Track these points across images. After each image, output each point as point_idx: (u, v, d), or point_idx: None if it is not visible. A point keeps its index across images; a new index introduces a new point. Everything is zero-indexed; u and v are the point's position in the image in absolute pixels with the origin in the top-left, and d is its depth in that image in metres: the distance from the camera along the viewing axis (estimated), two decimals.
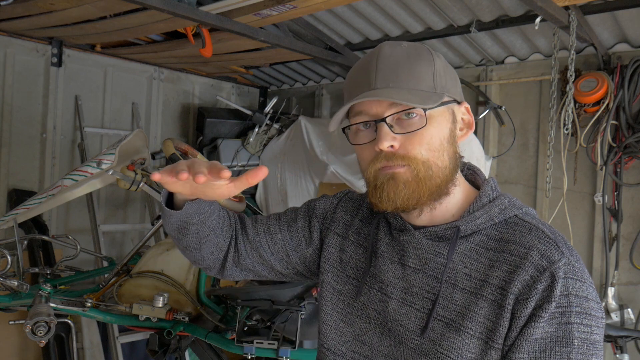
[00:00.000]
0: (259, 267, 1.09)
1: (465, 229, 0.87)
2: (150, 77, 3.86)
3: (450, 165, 0.88)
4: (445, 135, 0.87)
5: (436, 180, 0.86)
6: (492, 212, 0.88)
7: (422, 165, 0.85)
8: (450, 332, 0.83)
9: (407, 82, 0.85)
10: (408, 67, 0.86)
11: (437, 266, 0.87)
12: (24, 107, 3.29)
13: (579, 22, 2.27)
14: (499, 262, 0.83)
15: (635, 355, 2.55)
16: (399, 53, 0.88)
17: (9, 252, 2.14)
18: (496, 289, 0.81)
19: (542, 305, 0.77)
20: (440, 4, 2.57)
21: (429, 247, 0.88)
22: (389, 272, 0.92)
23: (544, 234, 0.84)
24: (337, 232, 1.04)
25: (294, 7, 2.25)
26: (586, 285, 0.80)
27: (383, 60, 0.87)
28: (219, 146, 3.79)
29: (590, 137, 2.72)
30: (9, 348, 2.98)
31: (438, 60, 0.89)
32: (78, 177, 2.13)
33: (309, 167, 3.52)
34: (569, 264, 0.80)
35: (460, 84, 0.96)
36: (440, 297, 0.85)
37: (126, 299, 2.14)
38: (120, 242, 3.78)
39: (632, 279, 2.67)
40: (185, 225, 0.98)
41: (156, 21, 2.52)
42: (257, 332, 1.98)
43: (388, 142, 0.84)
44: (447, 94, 0.88)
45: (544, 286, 0.78)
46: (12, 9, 2.60)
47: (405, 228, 0.92)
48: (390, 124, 0.85)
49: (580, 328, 0.77)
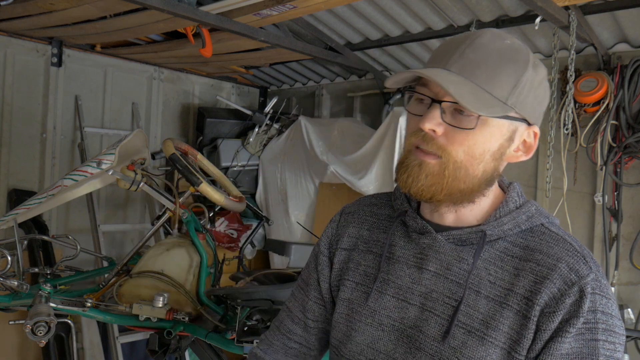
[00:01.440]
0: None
1: (491, 234, 0.85)
2: (150, 77, 3.86)
3: (481, 178, 0.84)
4: (491, 148, 0.83)
5: (460, 184, 0.83)
6: (519, 218, 0.86)
7: (453, 164, 0.81)
8: (472, 340, 0.81)
9: (482, 80, 0.80)
10: (493, 66, 0.81)
11: (460, 272, 0.85)
12: (24, 107, 3.29)
13: (579, 22, 2.27)
14: (524, 271, 0.81)
15: (635, 355, 2.55)
16: (495, 47, 0.82)
17: (9, 252, 2.14)
18: (521, 299, 0.80)
19: (569, 320, 0.77)
20: (440, 4, 2.57)
21: (452, 251, 0.86)
22: (406, 278, 0.90)
23: (572, 247, 0.83)
24: (344, 247, 1.01)
25: (294, 7, 2.25)
26: (611, 302, 0.80)
27: (475, 48, 0.82)
28: (219, 146, 3.79)
29: (590, 137, 2.72)
30: (9, 348, 2.98)
31: (532, 73, 0.82)
32: (78, 177, 2.13)
33: (309, 167, 3.52)
34: (596, 279, 0.79)
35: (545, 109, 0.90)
36: (463, 304, 0.83)
37: (126, 299, 2.14)
38: (120, 242, 3.78)
39: (632, 279, 2.66)
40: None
41: (156, 21, 2.52)
42: (257, 332, 1.98)
43: (430, 125, 0.81)
44: (519, 110, 0.82)
45: (572, 301, 0.77)
46: (12, 9, 2.60)
47: (427, 231, 0.89)
48: (444, 109, 0.81)
49: (606, 345, 0.77)
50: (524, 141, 0.87)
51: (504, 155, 0.85)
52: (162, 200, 2.27)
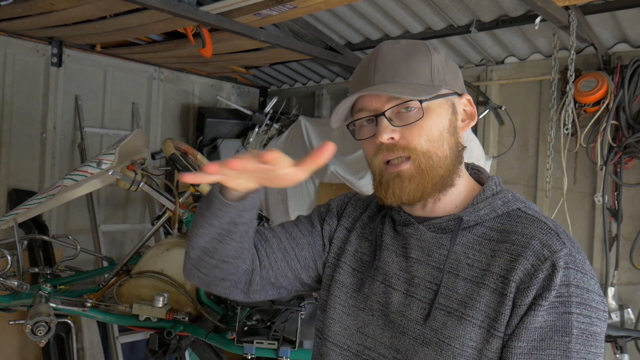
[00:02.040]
0: (281, 279, 1.03)
1: (468, 220, 0.89)
2: (150, 77, 3.86)
3: (451, 155, 0.90)
4: (444, 126, 0.89)
5: (438, 170, 0.88)
6: (495, 204, 0.90)
7: (423, 156, 0.87)
8: (452, 320, 0.84)
9: (404, 77, 0.88)
10: (405, 63, 0.89)
11: (440, 257, 0.89)
12: (24, 107, 3.29)
13: (579, 22, 2.27)
14: (500, 251, 0.84)
15: (635, 355, 2.55)
16: (397, 50, 0.91)
17: (9, 252, 2.14)
18: (498, 277, 0.82)
19: (542, 294, 0.78)
20: (440, 4, 2.57)
21: (432, 238, 0.90)
22: (394, 264, 0.94)
23: (545, 224, 0.85)
24: (345, 226, 1.05)
25: (294, 7, 2.25)
26: (587, 277, 0.80)
27: (382, 58, 0.91)
28: (219, 146, 3.79)
29: (590, 137, 2.72)
30: (9, 348, 2.98)
31: (436, 55, 0.91)
32: (78, 177, 2.13)
33: None
34: (570, 254, 0.81)
35: (462, 77, 0.98)
36: (442, 287, 0.86)
37: (126, 299, 2.14)
38: (120, 242, 3.78)
39: (632, 279, 2.67)
40: (233, 227, 0.91)
41: (156, 21, 2.52)
42: (257, 332, 1.98)
43: (387, 135, 0.87)
44: (446, 86, 0.90)
45: (545, 275, 0.79)
46: (12, 9, 2.60)
47: (409, 222, 0.93)
48: (390, 117, 0.88)
49: (580, 318, 0.77)
50: (464, 110, 0.95)
51: (457, 128, 0.93)
52: (162, 200, 2.27)
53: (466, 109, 0.95)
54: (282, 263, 1.02)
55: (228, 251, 0.94)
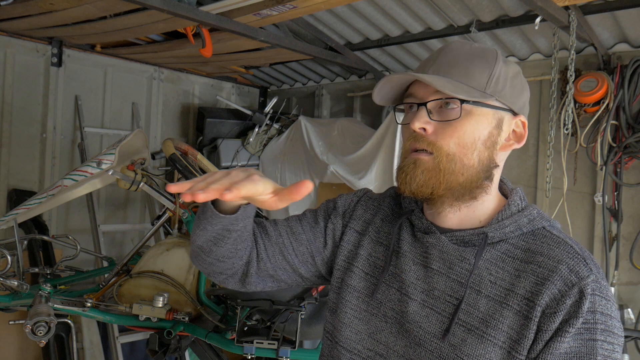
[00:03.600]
0: (280, 272, 1.04)
1: (492, 236, 0.87)
2: (150, 77, 3.86)
3: (478, 167, 0.88)
4: (481, 135, 0.87)
5: (458, 176, 0.87)
6: (520, 221, 0.88)
7: (446, 157, 0.86)
8: (472, 338, 0.83)
9: (457, 75, 0.87)
10: (466, 63, 0.88)
11: (462, 271, 0.87)
12: (24, 107, 3.29)
13: (579, 22, 2.27)
14: (525, 272, 0.83)
15: (635, 355, 2.55)
16: (464, 50, 0.90)
17: (9, 252, 2.14)
18: (522, 299, 0.82)
19: (569, 320, 0.78)
20: (440, 4, 2.57)
21: (455, 251, 0.88)
22: (411, 273, 0.92)
23: (572, 249, 0.85)
24: (356, 229, 1.03)
25: (294, 7, 2.25)
26: (610, 303, 0.81)
27: (446, 53, 0.90)
28: (219, 146, 3.79)
29: (590, 137, 2.72)
30: (9, 348, 2.98)
31: (503, 67, 0.89)
32: (78, 177, 2.13)
33: (309, 167, 3.52)
34: (596, 281, 0.81)
35: (528, 100, 0.95)
36: (464, 303, 0.85)
37: (126, 299, 2.14)
38: (120, 242, 3.79)
39: (632, 279, 2.66)
40: (227, 233, 0.93)
41: (156, 21, 2.52)
42: (257, 332, 1.98)
43: (420, 124, 0.87)
44: (500, 99, 0.88)
45: (572, 301, 0.79)
46: (12, 9, 2.60)
47: (431, 230, 0.92)
48: (430, 109, 0.87)
49: (604, 345, 0.78)
50: (514, 131, 0.92)
51: (497, 145, 0.90)
52: (162, 200, 2.27)
53: (517, 130, 0.92)
54: (279, 256, 1.03)
55: (223, 252, 0.97)
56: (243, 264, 1.01)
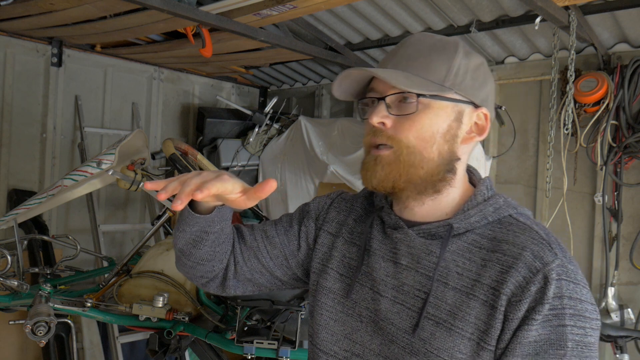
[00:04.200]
0: (257, 275, 1.06)
1: (458, 227, 0.87)
2: (150, 77, 3.86)
3: (438, 160, 0.87)
4: (440, 129, 0.87)
5: (418, 170, 0.86)
6: (486, 210, 0.88)
7: (405, 149, 0.86)
8: (440, 331, 0.82)
9: (416, 69, 0.87)
10: (425, 56, 0.88)
11: (429, 264, 0.86)
12: (24, 107, 3.29)
13: (579, 22, 2.27)
14: (491, 261, 0.82)
15: (635, 355, 2.55)
16: (425, 43, 0.90)
17: (9, 252, 2.14)
18: (488, 289, 0.81)
19: (535, 308, 0.77)
20: (440, 4, 2.57)
21: (422, 245, 0.88)
22: (381, 270, 0.92)
23: (537, 234, 0.84)
24: (329, 231, 1.04)
25: (294, 7, 2.25)
26: (580, 287, 0.79)
27: (406, 47, 0.90)
28: (219, 146, 3.79)
29: (590, 137, 2.72)
30: (9, 348, 2.98)
31: (464, 59, 0.88)
32: (78, 177, 2.13)
33: (309, 167, 3.52)
34: (562, 265, 0.79)
35: (493, 92, 0.95)
36: (431, 296, 0.84)
37: (126, 299, 2.14)
38: (120, 242, 3.78)
39: (632, 279, 2.66)
40: (204, 235, 0.96)
41: (156, 21, 2.52)
42: (257, 332, 1.98)
43: (377, 118, 0.87)
44: (460, 92, 0.88)
45: (537, 288, 0.77)
46: (12, 9, 2.60)
47: (399, 226, 0.91)
48: (389, 104, 0.87)
49: (574, 330, 0.77)
50: (476, 123, 0.91)
51: (457, 138, 0.89)
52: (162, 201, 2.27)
53: (479, 122, 0.92)
54: (254, 260, 1.05)
55: (202, 254, 0.99)
56: (223, 267, 1.04)
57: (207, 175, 0.82)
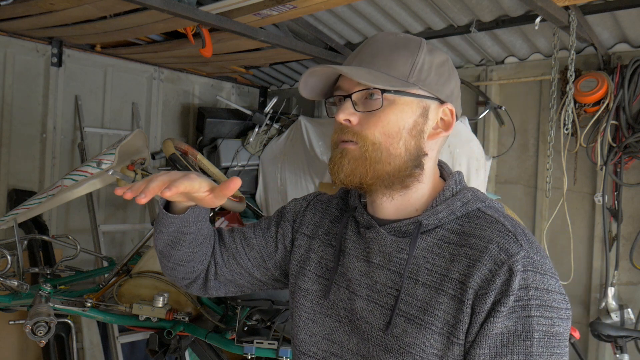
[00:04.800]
0: (237, 277, 1.09)
1: (427, 224, 0.87)
2: (150, 77, 3.86)
3: (405, 156, 0.88)
4: (406, 125, 0.87)
5: (385, 166, 0.87)
6: (454, 205, 0.88)
7: (371, 146, 0.86)
8: (412, 327, 0.83)
9: (380, 66, 0.87)
10: (388, 53, 0.88)
11: (400, 262, 0.87)
12: (24, 107, 3.29)
13: (579, 22, 2.27)
14: (459, 256, 0.83)
15: (635, 355, 2.55)
16: (387, 41, 0.90)
17: (9, 252, 2.14)
18: (456, 283, 0.81)
19: (501, 300, 0.77)
20: (440, 4, 2.57)
21: (393, 243, 0.88)
22: (355, 270, 0.93)
23: (503, 226, 0.84)
24: (306, 233, 1.05)
25: (294, 7, 2.25)
26: (547, 277, 0.79)
27: (370, 44, 0.91)
28: (219, 146, 3.79)
29: (590, 137, 2.72)
30: (9, 348, 2.98)
31: (427, 56, 0.89)
32: (78, 177, 2.13)
33: (309, 167, 3.52)
34: (527, 256, 0.79)
35: (458, 88, 0.95)
36: (403, 293, 0.85)
37: (126, 299, 2.14)
38: (120, 242, 3.78)
39: (632, 279, 2.67)
40: (181, 236, 0.99)
41: (156, 21, 2.52)
42: (257, 332, 1.98)
43: (344, 115, 0.88)
44: (424, 88, 0.88)
45: (502, 280, 0.78)
46: (12, 9, 2.60)
47: (371, 225, 0.92)
48: (356, 101, 0.88)
49: (541, 321, 0.76)
50: (442, 119, 0.92)
51: (424, 133, 0.90)
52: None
53: (444, 118, 0.92)
54: (233, 261, 1.08)
55: (181, 255, 1.02)
56: (203, 269, 1.07)
57: (175, 174, 0.85)
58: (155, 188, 0.82)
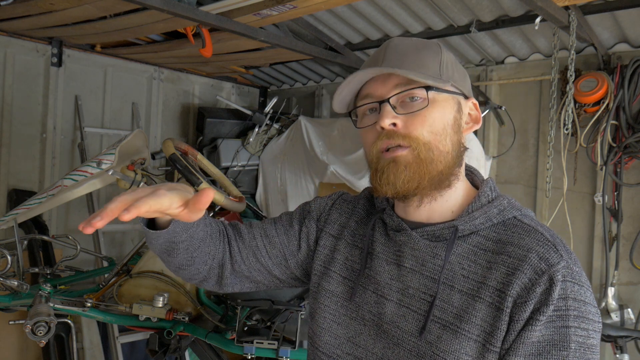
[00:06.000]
0: (255, 274, 1.06)
1: (463, 229, 0.86)
2: (150, 77, 3.86)
3: (452, 153, 0.88)
4: (448, 121, 0.88)
5: (438, 165, 0.86)
6: (490, 212, 0.87)
7: (424, 146, 0.85)
8: (447, 334, 0.82)
9: (412, 67, 0.87)
10: (415, 54, 0.88)
11: (434, 267, 0.86)
12: (24, 107, 3.29)
13: (579, 22, 2.27)
14: (497, 264, 0.82)
15: (635, 355, 2.55)
16: (408, 43, 0.91)
17: (9, 252, 2.14)
18: (494, 291, 0.81)
19: (540, 309, 0.77)
20: (440, 4, 2.57)
21: (426, 247, 0.87)
22: (385, 274, 0.91)
23: (542, 236, 0.84)
24: (332, 233, 1.03)
25: (294, 7, 2.25)
26: (584, 289, 0.80)
27: (392, 48, 0.90)
28: (219, 146, 3.79)
29: (590, 137, 2.72)
30: (9, 348, 2.98)
31: (446, 54, 0.91)
32: (78, 177, 2.13)
33: (309, 167, 3.52)
34: (567, 267, 0.80)
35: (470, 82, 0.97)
36: (438, 299, 0.84)
37: (126, 299, 2.14)
38: (120, 242, 3.78)
39: (632, 279, 2.66)
40: (174, 245, 0.93)
41: (156, 21, 2.52)
42: (257, 332, 1.98)
43: (389, 120, 0.86)
44: (454, 84, 0.90)
45: (542, 289, 0.78)
46: (12, 9, 2.60)
47: (402, 228, 0.91)
48: (394, 105, 0.87)
49: (578, 332, 0.77)
50: (469, 114, 0.94)
51: (461, 127, 0.91)
52: None
53: (471, 112, 0.94)
54: (253, 259, 1.04)
55: (179, 261, 0.99)
56: (215, 265, 1.03)
57: (141, 191, 0.75)
58: (113, 210, 0.71)
